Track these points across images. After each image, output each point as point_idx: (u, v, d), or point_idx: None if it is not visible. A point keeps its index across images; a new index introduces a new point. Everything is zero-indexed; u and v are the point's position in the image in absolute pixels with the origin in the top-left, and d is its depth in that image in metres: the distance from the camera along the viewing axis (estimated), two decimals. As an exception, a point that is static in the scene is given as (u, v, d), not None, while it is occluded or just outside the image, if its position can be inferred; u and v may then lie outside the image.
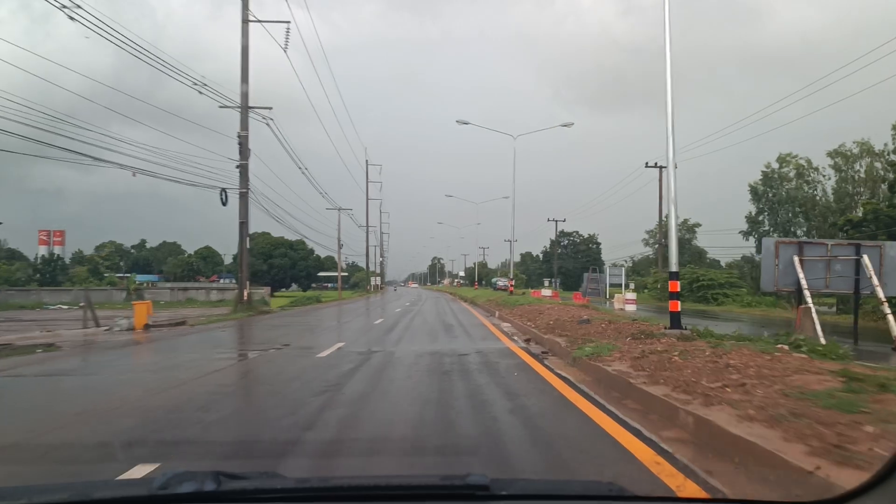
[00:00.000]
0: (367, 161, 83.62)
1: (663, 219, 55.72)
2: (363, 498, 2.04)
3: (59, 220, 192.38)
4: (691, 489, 3.90)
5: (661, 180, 50.75)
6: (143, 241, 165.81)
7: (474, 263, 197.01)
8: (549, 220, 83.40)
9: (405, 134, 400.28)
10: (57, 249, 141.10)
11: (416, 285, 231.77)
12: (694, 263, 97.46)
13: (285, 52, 31.69)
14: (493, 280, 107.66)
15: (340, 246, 59.03)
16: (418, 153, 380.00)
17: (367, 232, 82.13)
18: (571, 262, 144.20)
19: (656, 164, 50.77)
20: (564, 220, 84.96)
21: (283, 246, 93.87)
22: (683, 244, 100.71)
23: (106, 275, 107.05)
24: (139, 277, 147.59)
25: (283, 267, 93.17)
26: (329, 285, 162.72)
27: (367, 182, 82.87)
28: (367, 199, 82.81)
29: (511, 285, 41.61)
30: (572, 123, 34.74)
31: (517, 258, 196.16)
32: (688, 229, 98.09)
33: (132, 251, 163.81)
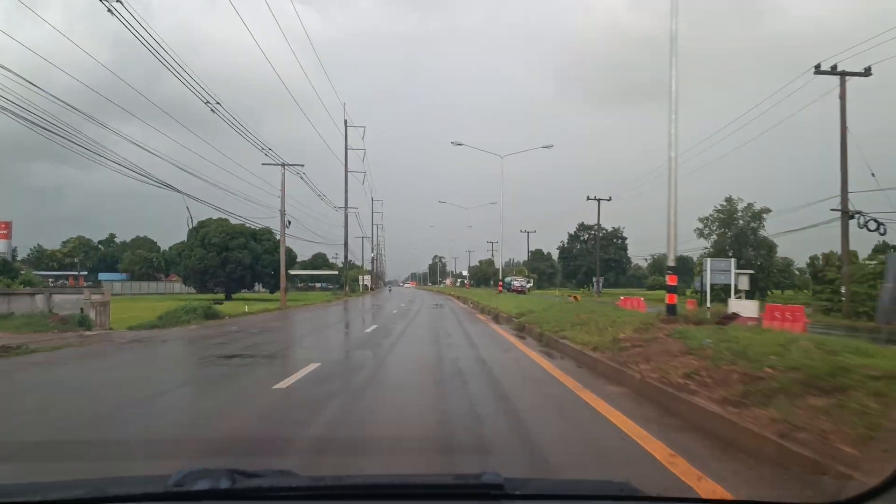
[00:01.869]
0: (345, 121, 59.77)
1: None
2: (377, 496, 1.93)
3: (48, 216, 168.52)
4: None
5: (843, 90, 26.73)
6: (112, 236, 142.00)
7: (480, 262, 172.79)
8: (588, 198, 59.04)
9: (408, 131, 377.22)
10: (2, 243, 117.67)
11: (410, 286, 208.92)
12: (763, 261, 73.79)
13: None
14: (508, 280, 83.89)
15: (287, 224, 35.23)
16: (421, 150, 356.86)
17: (346, 214, 58.25)
18: (592, 259, 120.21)
19: (834, 67, 26.80)
20: (609, 199, 60.51)
21: (243, 235, 69.91)
22: (747, 234, 76.66)
23: (22, 272, 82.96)
24: (101, 276, 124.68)
25: (241, 262, 69.11)
26: (318, 285, 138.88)
27: (346, 148, 58.98)
28: (346, 171, 58.90)
29: (673, 285, 12.46)
30: None
31: (526, 256, 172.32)
32: (753, 216, 74.37)
33: (100, 247, 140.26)
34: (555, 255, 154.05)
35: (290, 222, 35.18)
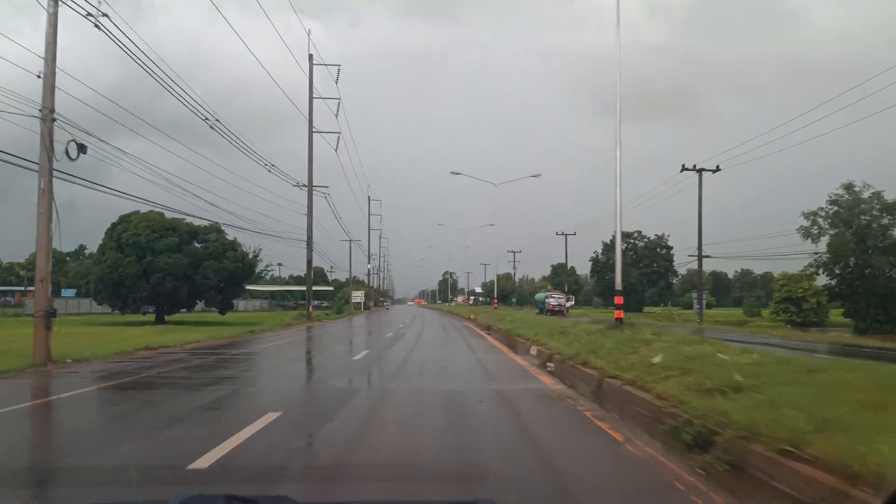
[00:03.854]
0: (310, 56, 38.11)
1: None
2: None
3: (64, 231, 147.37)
4: None
5: None
6: (82, 248, 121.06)
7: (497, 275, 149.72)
8: (685, 168, 36.38)
9: (414, 146, 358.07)
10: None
11: (413, 303, 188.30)
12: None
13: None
14: (541, 296, 61.61)
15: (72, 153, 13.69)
16: (432, 166, 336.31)
17: (310, 190, 36.47)
18: (633, 271, 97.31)
19: None
20: (717, 170, 37.59)
21: (176, 233, 48.31)
22: (875, 234, 54.00)
23: None
24: (64, 292, 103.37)
25: (172, 271, 47.05)
26: (316, 303, 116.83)
27: (311, 96, 37.27)
28: (311, 128, 37.14)
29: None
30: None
31: (546, 271, 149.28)
32: (884, 209, 51.83)
33: (67, 259, 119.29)
34: (580, 269, 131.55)
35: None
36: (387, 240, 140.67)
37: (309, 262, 38.43)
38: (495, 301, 45.47)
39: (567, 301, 59.72)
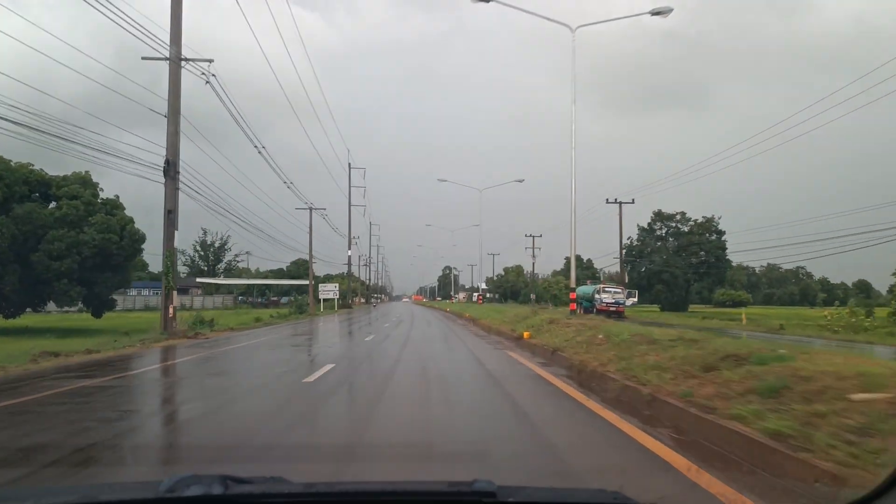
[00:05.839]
0: None
1: None
2: (369, 503, 1.91)
3: None
4: None
5: None
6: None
7: (505, 269, 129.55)
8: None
9: (420, 136, 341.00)
10: None
11: (407, 300, 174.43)
12: None
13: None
14: (587, 290, 41.51)
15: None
16: (434, 158, 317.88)
17: (177, 61, 16.71)
18: (676, 261, 77.62)
19: None
20: None
21: (15, 183, 28.33)
22: None
23: None
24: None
25: (11, 243, 26.80)
26: (277, 299, 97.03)
27: None
28: None
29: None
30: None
31: (557, 265, 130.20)
32: None
33: None
34: (597, 263, 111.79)
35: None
36: (377, 226, 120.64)
37: (169, 217, 18.29)
38: (573, 297, 23.20)
39: (628, 298, 40.10)
